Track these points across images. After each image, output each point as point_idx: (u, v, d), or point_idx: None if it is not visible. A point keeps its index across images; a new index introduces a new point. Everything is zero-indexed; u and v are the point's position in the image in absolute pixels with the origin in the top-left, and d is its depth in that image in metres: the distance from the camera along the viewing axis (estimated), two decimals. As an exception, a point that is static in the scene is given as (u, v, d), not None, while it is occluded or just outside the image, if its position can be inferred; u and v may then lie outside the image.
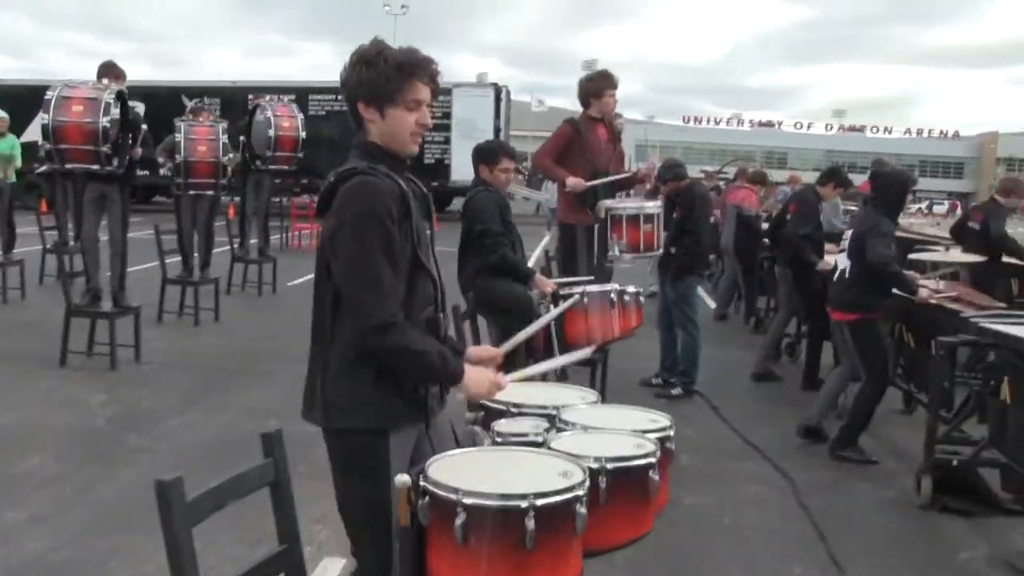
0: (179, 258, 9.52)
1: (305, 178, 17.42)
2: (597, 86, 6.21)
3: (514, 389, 2.74)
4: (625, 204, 6.03)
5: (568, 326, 5.01)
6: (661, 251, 6.34)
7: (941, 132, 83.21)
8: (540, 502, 2.02)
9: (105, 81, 7.57)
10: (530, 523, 2.00)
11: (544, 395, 2.95)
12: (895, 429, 6.22)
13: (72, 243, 8.49)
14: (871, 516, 4.62)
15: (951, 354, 4.85)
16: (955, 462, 4.76)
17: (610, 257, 5.60)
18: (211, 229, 10.03)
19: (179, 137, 9.28)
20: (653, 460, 2.39)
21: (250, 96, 10.50)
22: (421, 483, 2.13)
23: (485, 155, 5.48)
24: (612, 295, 5.12)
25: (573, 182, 5.72)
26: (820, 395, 6.04)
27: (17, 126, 12.11)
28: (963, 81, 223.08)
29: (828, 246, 8.23)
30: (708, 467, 5.22)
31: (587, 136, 6.11)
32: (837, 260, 5.70)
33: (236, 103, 18.93)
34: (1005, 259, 7.65)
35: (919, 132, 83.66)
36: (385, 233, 2.33)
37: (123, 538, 3.91)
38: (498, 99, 24.17)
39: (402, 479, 2.11)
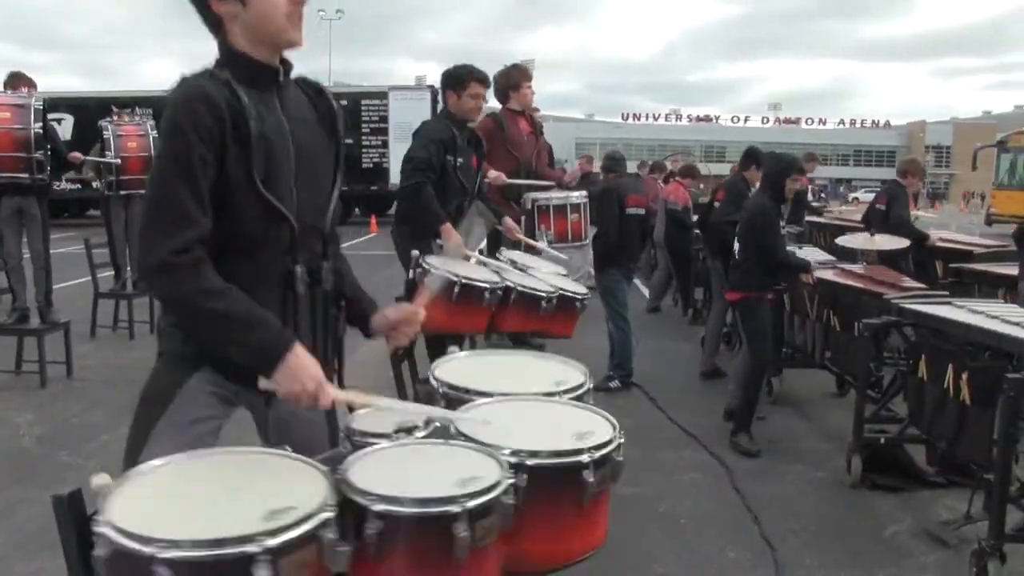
0: (112, 272, 9.28)
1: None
2: (513, 79, 6.21)
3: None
4: (551, 194, 6.07)
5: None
6: (588, 240, 6.43)
7: (873, 122, 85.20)
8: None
9: (25, 90, 7.40)
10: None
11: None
12: (828, 411, 6.35)
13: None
14: (804, 497, 4.72)
15: (874, 335, 4.99)
16: (883, 440, 4.89)
17: (538, 248, 5.52)
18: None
19: (107, 134, 8.78)
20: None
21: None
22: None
23: (453, 80, 4.99)
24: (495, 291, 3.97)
25: (494, 175, 5.71)
26: (731, 379, 6.16)
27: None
28: (892, 73, 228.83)
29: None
30: (646, 457, 5.27)
31: (509, 129, 6.11)
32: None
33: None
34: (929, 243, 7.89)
35: (852, 123, 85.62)
36: (184, 149, 1.87)
37: (48, 560, 3.82)
38: (435, 101, 24.13)
39: (99, 481, 1.61)
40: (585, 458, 1.96)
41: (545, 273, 4.46)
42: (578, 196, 6.23)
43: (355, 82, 25.95)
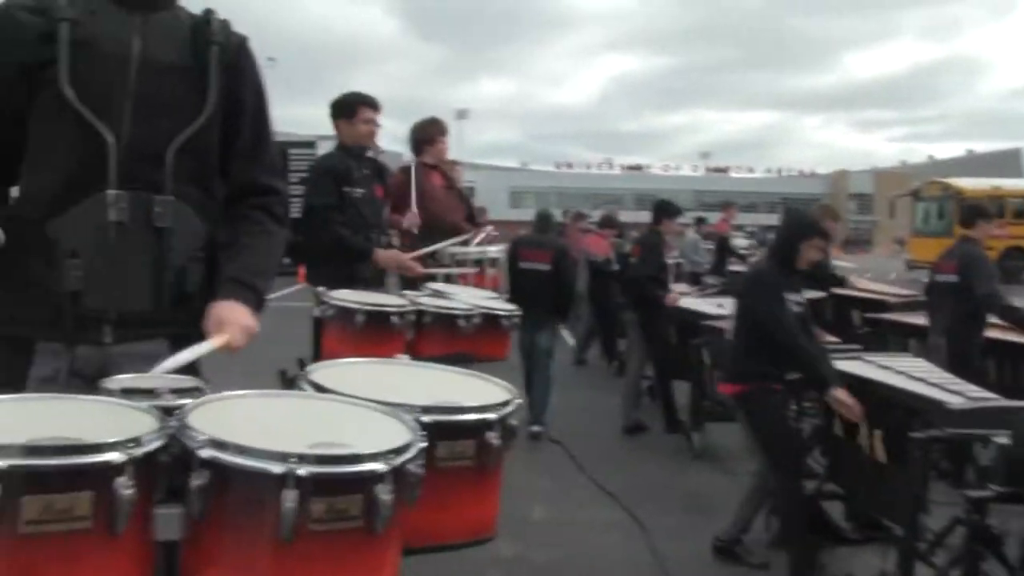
0: None
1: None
2: (428, 132, 6.11)
3: None
4: (468, 249, 5.95)
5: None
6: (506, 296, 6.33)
7: (799, 171, 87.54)
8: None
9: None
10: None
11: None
12: (750, 467, 6.25)
13: None
14: (723, 558, 4.60)
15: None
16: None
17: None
18: None
19: None
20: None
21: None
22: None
23: (342, 108, 4.79)
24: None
25: (411, 216, 5.58)
26: (743, 508, 4.70)
27: None
28: (815, 124, 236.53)
29: (681, 286, 8.37)
30: (562, 519, 5.12)
31: (423, 183, 6.00)
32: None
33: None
34: (842, 291, 7.93)
35: (779, 171, 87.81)
36: None
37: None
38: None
39: None
40: (492, 415, 1.77)
41: (468, 296, 4.27)
42: (496, 251, 6.16)
43: (287, 130, 25.63)
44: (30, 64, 1.89)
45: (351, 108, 4.79)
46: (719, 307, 6.98)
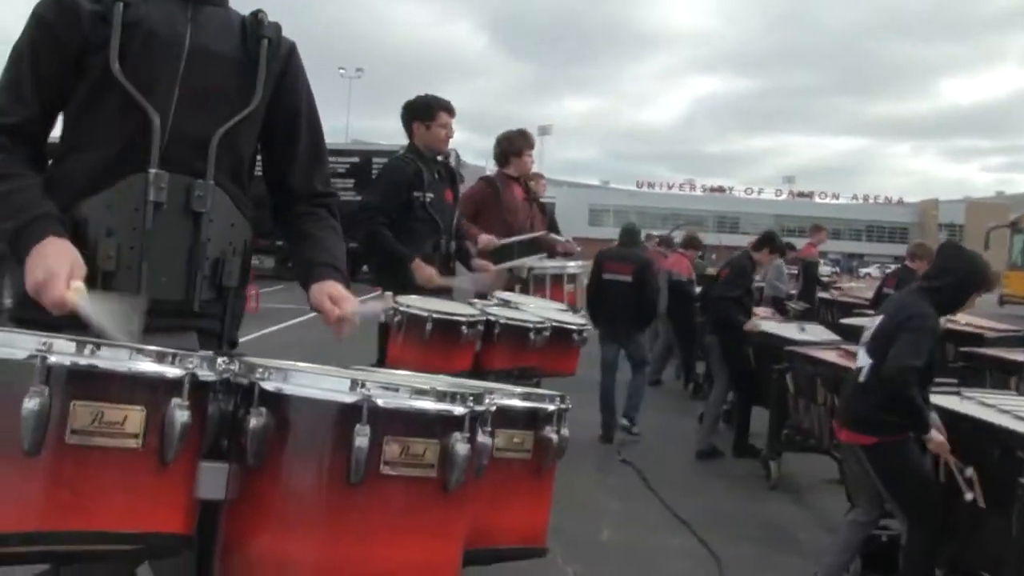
0: None
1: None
2: (516, 144, 6.05)
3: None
4: (546, 264, 5.84)
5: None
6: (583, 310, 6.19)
7: (886, 199, 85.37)
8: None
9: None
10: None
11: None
12: (830, 499, 6.00)
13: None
14: None
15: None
16: (884, 537, 4.55)
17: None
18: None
19: None
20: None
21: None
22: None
23: (419, 111, 4.73)
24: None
25: (486, 239, 5.49)
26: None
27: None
28: (905, 151, 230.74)
29: (765, 311, 8.15)
30: (631, 543, 4.95)
31: (504, 195, 5.92)
32: (858, 355, 4.17)
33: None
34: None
35: (865, 198, 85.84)
36: (27, 38, 1.91)
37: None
38: (446, 157, 24.13)
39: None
40: (550, 406, 1.67)
41: (539, 307, 4.15)
42: (575, 266, 6.02)
43: (374, 139, 26.05)
44: (86, 47, 1.89)
45: (429, 111, 4.72)
46: (802, 331, 6.75)
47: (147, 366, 1.24)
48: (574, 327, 3.70)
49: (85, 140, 1.93)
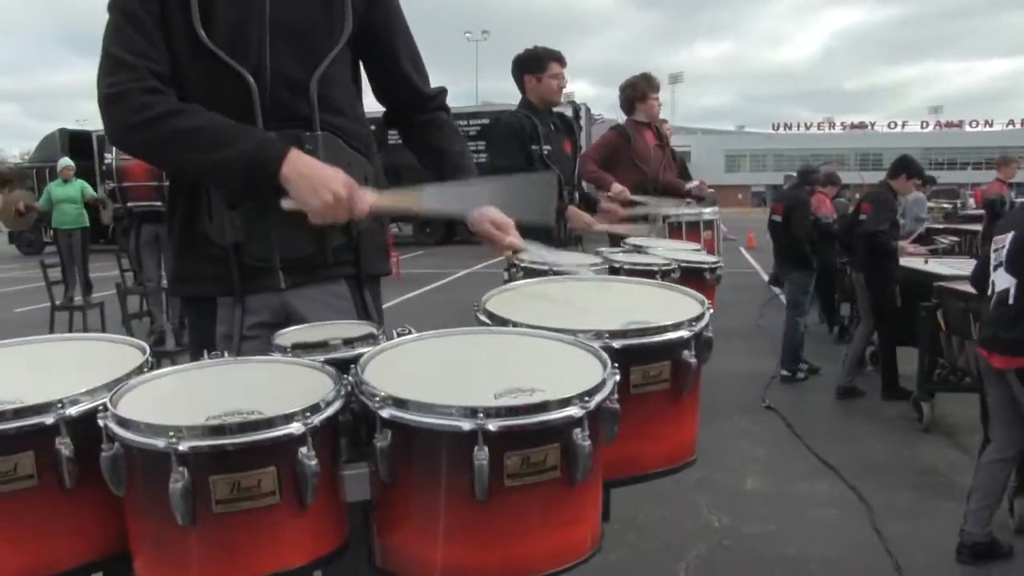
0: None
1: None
2: (640, 89, 5.95)
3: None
4: (682, 211, 5.74)
5: None
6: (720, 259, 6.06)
7: (1050, 120, 79.25)
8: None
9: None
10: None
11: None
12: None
13: (134, 285, 8.51)
14: (955, 541, 4.14)
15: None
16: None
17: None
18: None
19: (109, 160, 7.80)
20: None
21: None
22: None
23: (530, 63, 4.70)
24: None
25: (618, 189, 5.42)
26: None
27: None
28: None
29: (915, 247, 7.78)
30: (776, 490, 4.86)
31: (635, 142, 5.85)
32: (994, 281, 3.90)
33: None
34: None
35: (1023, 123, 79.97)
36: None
37: None
38: (576, 116, 24.01)
39: None
40: (685, 333, 1.62)
41: (667, 249, 4.06)
42: (711, 212, 5.89)
43: (503, 101, 26.10)
44: (168, 13, 1.83)
45: (540, 63, 4.68)
46: (952, 267, 6.41)
47: (271, 433, 1.29)
48: (705, 265, 3.59)
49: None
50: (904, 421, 6.17)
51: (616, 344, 1.56)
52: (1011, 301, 3.68)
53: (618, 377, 1.43)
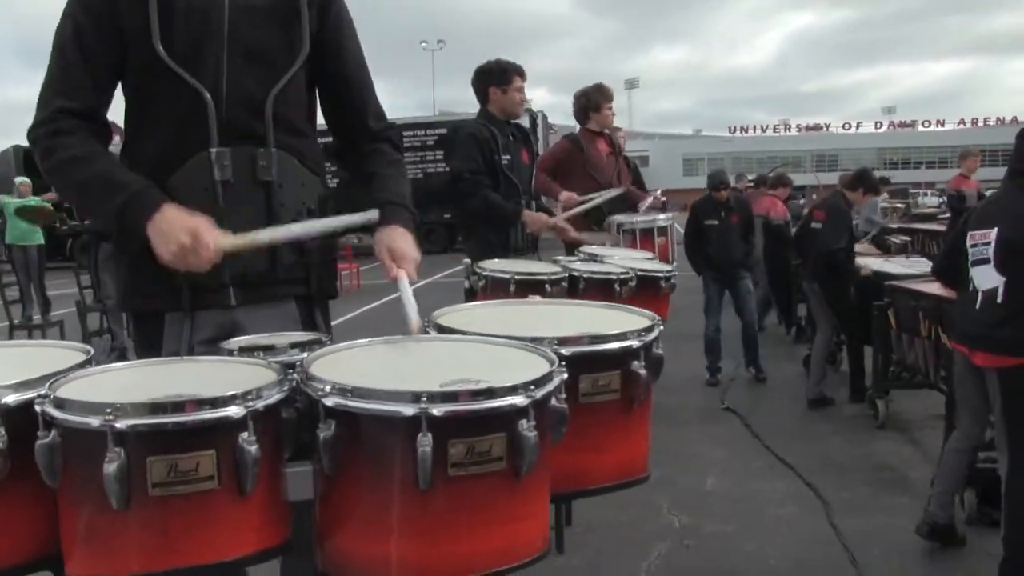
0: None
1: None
2: (593, 99, 6.03)
3: None
4: (635, 218, 5.82)
5: None
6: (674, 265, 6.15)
7: (998, 119, 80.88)
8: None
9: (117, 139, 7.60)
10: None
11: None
12: (940, 437, 5.85)
13: (94, 302, 8.44)
14: (909, 536, 4.23)
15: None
16: (1000, 472, 4.43)
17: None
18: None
19: None
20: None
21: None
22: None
23: (495, 76, 4.73)
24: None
25: (565, 196, 5.48)
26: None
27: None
28: (1020, 67, 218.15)
29: (868, 248, 7.93)
30: (735, 489, 4.95)
31: (588, 151, 5.92)
32: (975, 277, 3.77)
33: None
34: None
35: (974, 122, 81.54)
36: (62, 31, 1.88)
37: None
38: (534, 125, 24.11)
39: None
40: (634, 343, 1.64)
41: (623, 258, 4.15)
42: (664, 218, 5.96)
43: (461, 110, 26.11)
44: (127, 30, 1.87)
45: (505, 75, 4.72)
46: (904, 267, 6.56)
47: (210, 414, 1.30)
48: (660, 274, 3.67)
49: (146, 124, 1.93)
50: (860, 419, 6.31)
51: (565, 351, 1.58)
52: (999, 300, 3.60)
53: (565, 375, 1.45)
